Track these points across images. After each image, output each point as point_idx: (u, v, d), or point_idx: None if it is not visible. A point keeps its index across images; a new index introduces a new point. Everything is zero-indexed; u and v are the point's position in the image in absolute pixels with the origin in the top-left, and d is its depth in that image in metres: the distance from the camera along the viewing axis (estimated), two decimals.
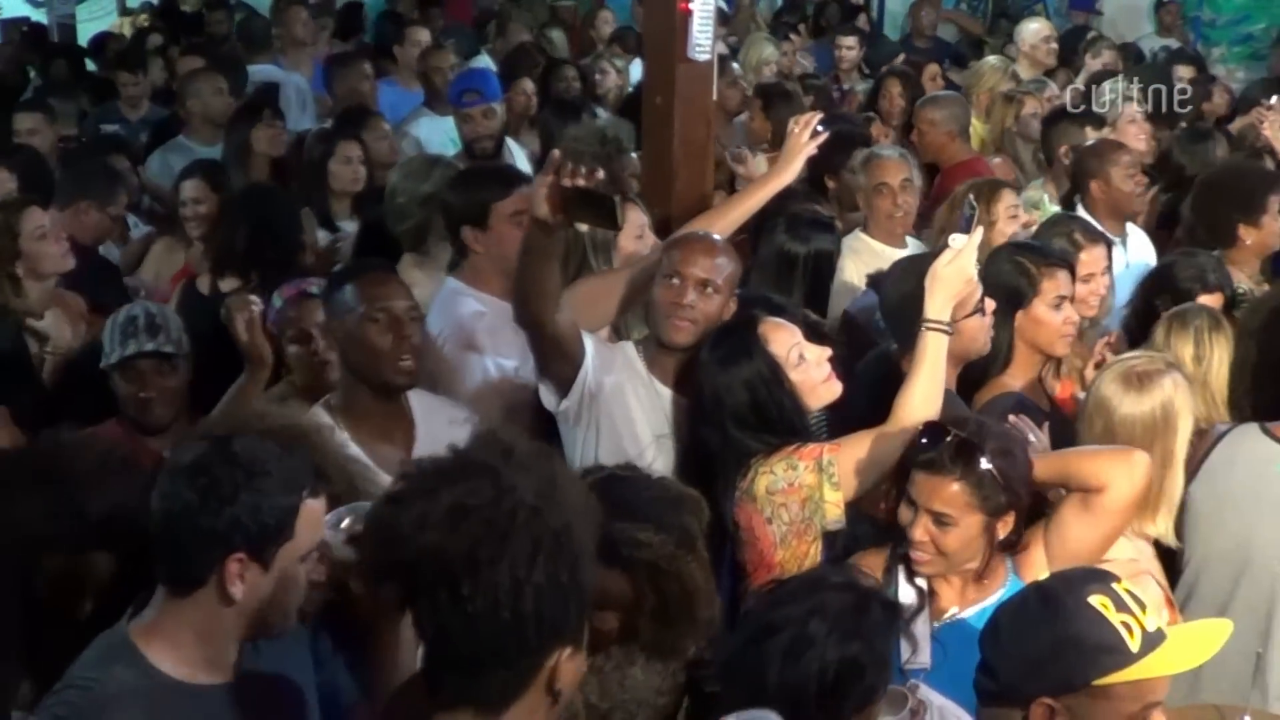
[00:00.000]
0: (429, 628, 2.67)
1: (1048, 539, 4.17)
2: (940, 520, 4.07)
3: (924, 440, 4.17)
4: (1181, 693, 4.15)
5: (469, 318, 5.62)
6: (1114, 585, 3.03)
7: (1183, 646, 3.03)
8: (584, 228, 5.19)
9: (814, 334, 5.07)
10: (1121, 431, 4.41)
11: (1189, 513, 4.77)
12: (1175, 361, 4.71)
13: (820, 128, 5.97)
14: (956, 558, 4.11)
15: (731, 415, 4.71)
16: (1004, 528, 4.12)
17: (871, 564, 4.27)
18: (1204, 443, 4.79)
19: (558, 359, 4.99)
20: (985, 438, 4.12)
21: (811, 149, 5.90)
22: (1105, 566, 4.05)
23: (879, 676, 3.45)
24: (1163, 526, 4.38)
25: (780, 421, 4.70)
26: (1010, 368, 5.31)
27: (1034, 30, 11.22)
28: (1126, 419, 4.43)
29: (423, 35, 10.92)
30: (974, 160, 8.74)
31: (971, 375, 5.23)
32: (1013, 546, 4.18)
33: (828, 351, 4.89)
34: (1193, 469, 4.77)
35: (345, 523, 3.32)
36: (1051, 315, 5.35)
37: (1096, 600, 2.97)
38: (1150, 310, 5.93)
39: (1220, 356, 5.09)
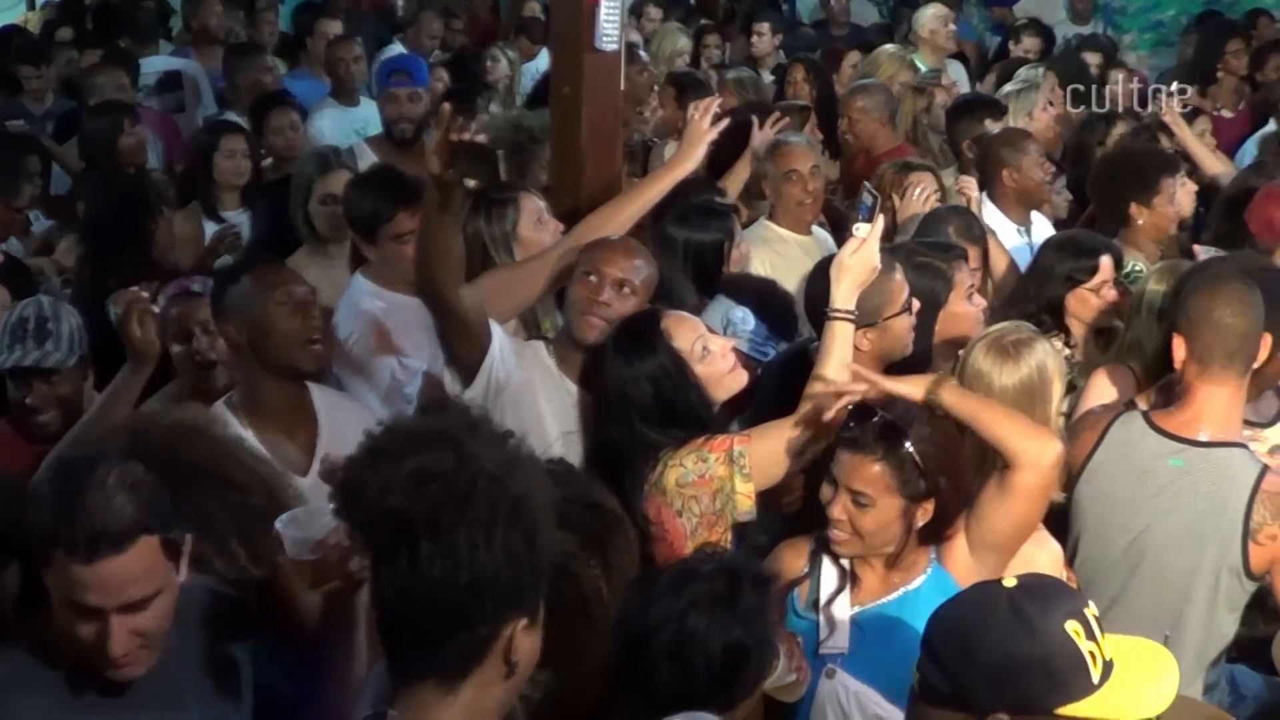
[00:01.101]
0: (389, 593, 2.69)
1: (968, 525, 4.19)
2: (859, 500, 4.08)
3: (851, 420, 4.18)
4: None
5: (377, 316, 5.60)
6: (1085, 610, 2.98)
7: (1132, 679, 2.97)
8: (471, 182, 5.14)
9: None
10: (1000, 402, 4.43)
11: (1077, 509, 4.81)
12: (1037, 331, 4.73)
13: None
14: (872, 539, 4.11)
15: (638, 410, 4.70)
16: (923, 515, 4.12)
17: (798, 548, 4.29)
18: (1091, 433, 4.82)
19: (464, 343, 4.99)
20: (911, 421, 4.12)
21: (713, 135, 5.88)
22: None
23: (764, 654, 3.52)
24: None
25: (687, 415, 4.69)
26: (930, 369, 5.29)
27: (931, 15, 11.19)
28: (1004, 390, 4.45)
29: (333, 27, 10.90)
30: (901, 148, 8.75)
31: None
32: (934, 537, 4.18)
33: (731, 343, 4.90)
34: (1080, 463, 4.79)
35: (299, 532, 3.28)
36: (968, 306, 5.44)
37: (1071, 626, 2.92)
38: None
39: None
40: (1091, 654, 2.90)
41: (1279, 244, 6.45)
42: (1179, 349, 4.74)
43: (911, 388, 4.29)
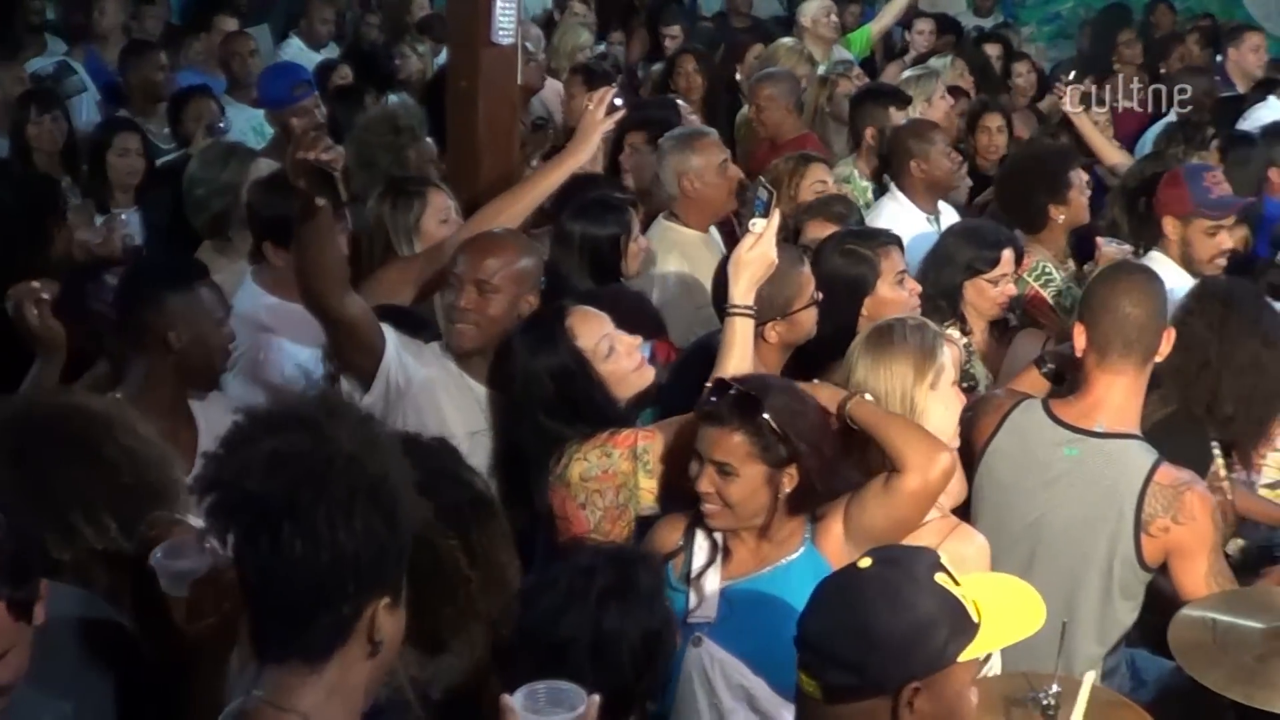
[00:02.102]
0: (252, 575, 2.70)
1: (848, 512, 4.19)
2: (723, 470, 4.10)
3: (710, 396, 4.21)
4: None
5: (265, 320, 5.60)
6: (941, 560, 3.06)
7: (1001, 609, 3.08)
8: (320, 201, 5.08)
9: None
10: (860, 377, 4.46)
11: (976, 494, 4.82)
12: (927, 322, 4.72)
13: (616, 104, 5.94)
14: (742, 509, 4.13)
15: (541, 405, 4.68)
16: (789, 481, 4.13)
17: (675, 523, 4.30)
18: (991, 418, 4.84)
19: (355, 350, 4.93)
20: (767, 392, 4.17)
21: (608, 125, 5.85)
22: None
23: (673, 631, 3.71)
24: None
25: (590, 412, 4.67)
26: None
27: (816, 6, 11.20)
28: (865, 365, 4.46)
29: (228, 24, 10.85)
30: (806, 136, 8.75)
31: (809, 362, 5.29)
32: (803, 506, 4.19)
33: (638, 340, 4.87)
34: (980, 447, 4.82)
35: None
36: (898, 292, 5.45)
37: (940, 578, 2.99)
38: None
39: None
40: (964, 597, 3.00)
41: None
42: (1079, 338, 4.77)
43: (827, 394, 4.36)
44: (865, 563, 3.05)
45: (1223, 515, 4.87)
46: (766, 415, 4.11)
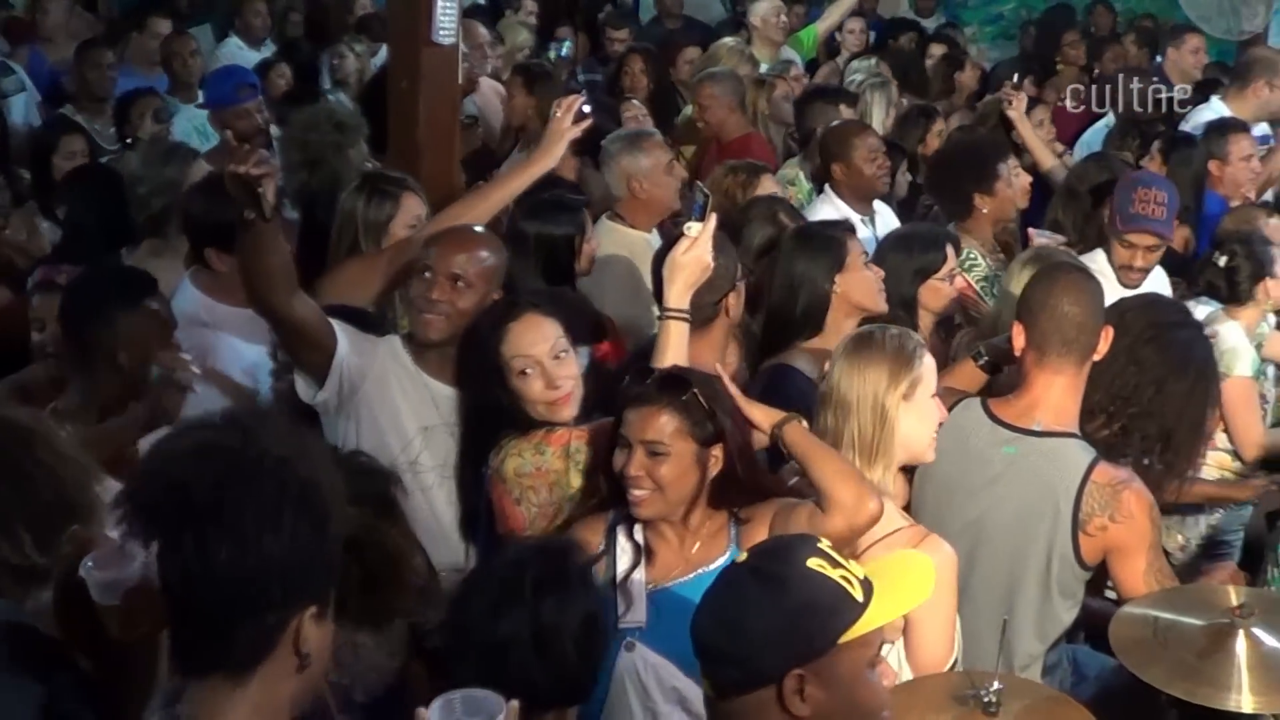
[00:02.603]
0: (175, 581, 2.61)
1: (772, 526, 4.16)
2: (654, 450, 4.08)
3: (634, 381, 4.21)
4: None
5: (206, 316, 5.57)
6: (819, 545, 3.07)
7: (895, 585, 3.09)
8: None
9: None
10: (835, 381, 4.44)
11: (918, 493, 4.81)
12: (914, 336, 4.69)
13: (584, 110, 5.94)
14: (672, 491, 4.10)
15: (495, 402, 4.70)
16: (715, 463, 4.13)
17: (594, 525, 4.27)
18: None
19: (305, 348, 4.93)
20: (691, 373, 4.23)
21: (575, 133, 5.85)
22: None
23: (606, 614, 3.77)
24: (878, 476, 4.39)
25: (509, 418, 4.67)
26: (817, 336, 5.42)
27: (765, 7, 11.21)
28: (841, 370, 4.44)
29: (163, 26, 10.79)
30: (750, 135, 8.76)
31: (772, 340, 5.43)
32: (725, 498, 4.18)
33: (574, 373, 4.76)
34: None
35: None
36: (867, 272, 5.51)
37: (814, 563, 3.00)
38: None
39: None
40: (845, 579, 2.99)
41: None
42: (1018, 336, 4.78)
43: (762, 415, 4.32)
44: (743, 557, 3.09)
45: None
46: (695, 390, 4.14)
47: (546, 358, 4.64)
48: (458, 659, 3.49)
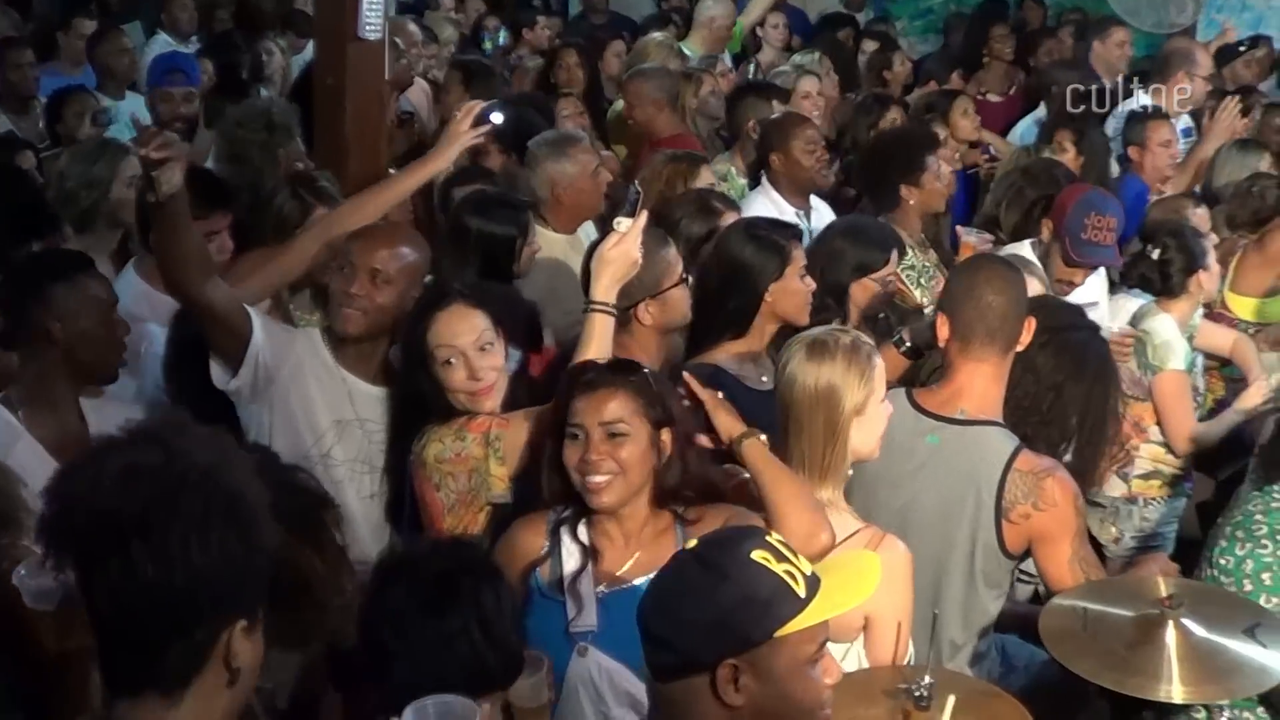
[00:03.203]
0: (103, 603, 2.55)
1: None
2: (614, 433, 4.07)
3: (573, 375, 4.22)
4: None
5: (142, 302, 5.58)
6: (767, 538, 3.05)
7: (840, 582, 3.07)
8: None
9: None
10: (785, 392, 4.39)
11: (848, 484, 4.78)
12: (868, 342, 4.66)
13: (491, 116, 5.90)
14: (634, 474, 4.09)
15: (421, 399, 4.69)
16: (664, 447, 4.13)
17: (534, 525, 4.24)
18: None
19: (219, 332, 4.92)
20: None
21: (471, 138, 5.82)
22: None
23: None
24: (828, 494, 4.37)
25: (433, 406, 4.67)
26: (740, 338, 5.38)
27: (720, 10, 11.18)
28: (792, 381, 4.40)
29: (86, 26, 10.71)
30: (683, 135, 8.67)
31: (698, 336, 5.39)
32: (670, 488, 4.16)
33: (498, 365, 4.76)
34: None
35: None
36: (800, 285, 5.44)
37: (758, 555, 2.98)
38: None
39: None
40: (789, 573, 2.97)
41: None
42: (942, 327, 4.79)
43: (727, 422, 4.32)
44: (691, 544, 3.08)
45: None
46: (645, 371, 4.18)
47: (471, 349, 4.63)
48: (396, 659, 3.45)
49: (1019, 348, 4.80)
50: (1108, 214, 6.60)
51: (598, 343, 4.56)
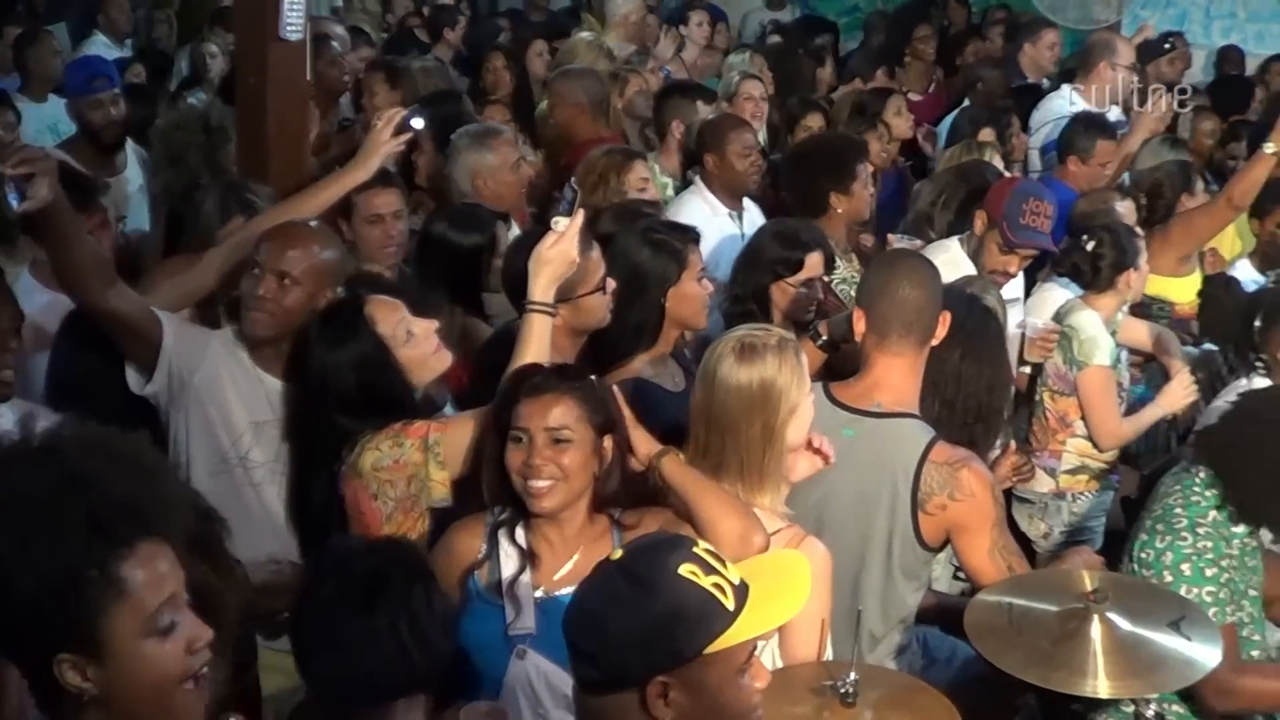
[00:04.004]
0: None
1: None
2: (558, 438, 4.07)
3: (518, 378, 4.21)
4: None
5: (41, 311, 5.44)
6: (694, 549, 2.99)
7: (770, 591, 3.02)
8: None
9: None
10: (720, 398, 4.35)
11: None
12: (793, 339, 4.64)
13: (412, 122, 5.86)
14: (576, 480, 4.08)
15: (336, 398, 4.63)
16: (605, 453, 4.13)
17: (471, 529, 4.22)
18: None
19: (128, 338, 4.90)
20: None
21: (393, 147, 5.78)
22: None
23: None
24: (767, 500, 4.34)
25: (389, 401, 4.63)
26: (652, 347, 5.35)
27: (627, 5, 11.15)
28: (726, 387, 4.37)
29: (10, 32, 10.64)
30: (607, 139, 8.47)
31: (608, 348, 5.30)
32: (609, 498, 4.16)
33: (434, 324, 4.85)
34: None
35: None
36: (698, 289, 5.41)
37: (685, 570, 2.92)
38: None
39: None
40: (717, 586, 2.92)
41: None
42: (859, 322, 4.79)
43: (643, 442, 4.30)
44: (616, 554, 3.02)
45: None
46: (590, 378, 4.18)
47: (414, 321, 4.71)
48: (321, 651, 3.43)
49: (934, 341, 4.79)
50: (1045, 200, 6.62)
51: (536, 343, 4.54)
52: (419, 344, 4.73)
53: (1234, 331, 6.28)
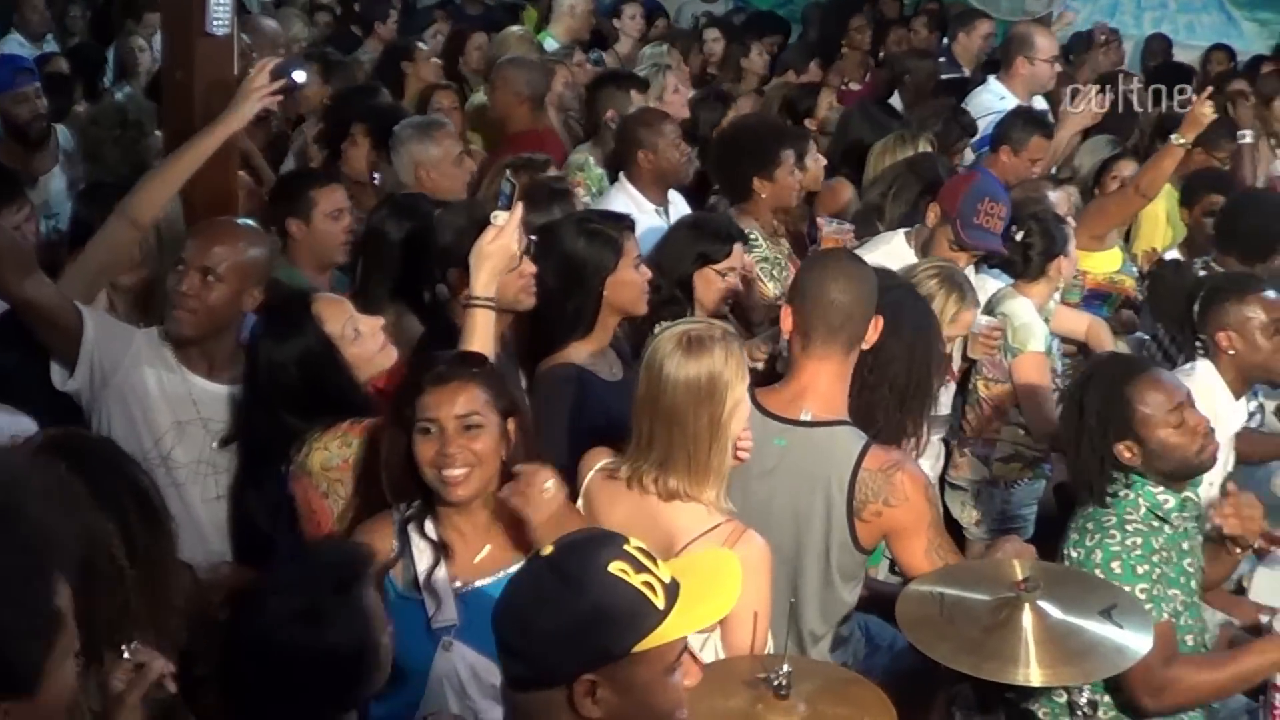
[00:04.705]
0: None
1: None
2: (469, 424, 4.06)
3: (420, 367, 4.20)
4: None
5: None
6: (625, 547, 2.98)
7: (701, 591, 3.02)
8: None
9: None
10: (668, 392, 4.28)
11: None
12: (732, 330, 4.61)
13: (293, 73, 5.82)
14: (488, 466, 4.09)
15: (283, 398, 4.63)
16: (511, 436, 4.15)
17: (380, 529, 4.20)
18: None
19: (50, 331, 4.91)
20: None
21: (265, 94, 5.73)
22: None
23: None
24: (712, 494, 4.31)
25: (337, 399, 4.63)
26: (588, 336, 5.34)
27: None
28: (672, 381, 4.35)
29: None
30: (543, 132, 8.62)
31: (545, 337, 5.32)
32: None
33: (380, 321, 4.87)
34: None
35: None
36: (635, 275, 5.40)
37: (616, 567, 2.92)
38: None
39: None
40: (648, 584, 2.92)
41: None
42: (785, 319, 4.75)
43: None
44: (546, 550, 3.00)
45: None
46: (490, 364, 4.19)
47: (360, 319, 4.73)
48: (267, 666, 3.34)
49: (865, 345, 4.74)
50: (999, 201, 6.64)
51: (480, 338, 4.54)
52: (365, 342, 4.74)
53: (1178, 314, 6.29)
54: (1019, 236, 6.62)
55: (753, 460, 4.52)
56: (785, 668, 3.89)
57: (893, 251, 6.44)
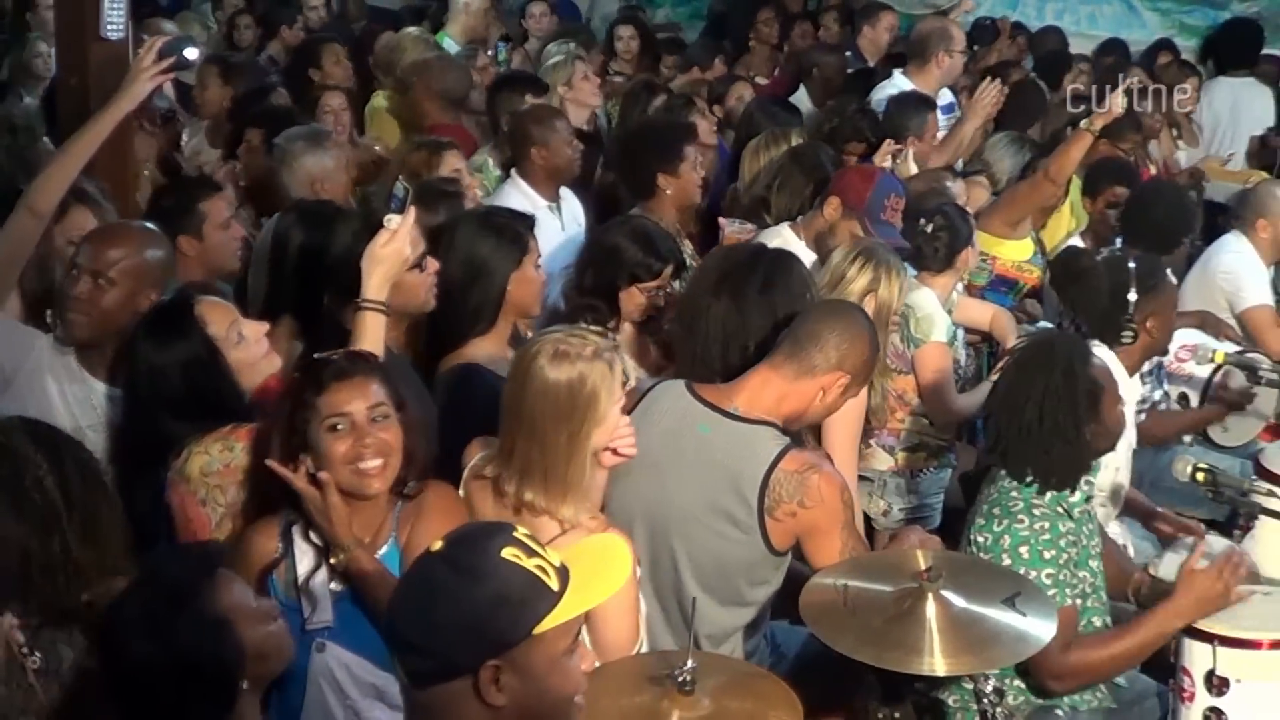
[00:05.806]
0: None
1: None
2: (377, 415, 4.05)
3: (314, 367, 4.14)
4: None
5: None
6: (514, 534, 3.01)
7: (591, 571, 3.06)
8: None
9: None
10: (529, 398, 4.23)
11: (611, 470, 4.70)
12: (610, 347, 4.57)
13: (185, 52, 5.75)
14: (396, 456, 4.08)
15: (166, 402, 4.55)
16: (404, 430, 4.12)
17: (266, 530, 4.18)
18: (630, 397, 4.57)
19: None
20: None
21: (155, 73, 5.63)
22: None
23: None
24: (568, 511, 4.21)
25: (218, 405, 4.55)
26: (488, 334, 5.32)
27: None
28: (532, 390, 4.30)
29: None
30: (449, 127, 8.51)
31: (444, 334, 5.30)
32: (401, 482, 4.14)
33: (265, 326, 4.82)
34: None
35: None
36: (537, 275, 5.43)
37: (508, 553, 2.95)
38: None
39: None
40: (540, 568, 2.95)
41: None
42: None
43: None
44: (436, 545, 3.02)
45: None
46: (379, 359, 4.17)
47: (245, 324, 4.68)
48: (126, 677, 3.28)
49: (817, 383, 4.74)
50: (901, 195, 6.73)
51: (370, 340, 4.52)
52: (249, 347, 4.69)
53: (1101, 303, 6.26)
54: (929, 228, 6.65)
55: (668, 442, 4.58)
56: (690, 663, 3.88)
57: (784, 244, 6.42)
